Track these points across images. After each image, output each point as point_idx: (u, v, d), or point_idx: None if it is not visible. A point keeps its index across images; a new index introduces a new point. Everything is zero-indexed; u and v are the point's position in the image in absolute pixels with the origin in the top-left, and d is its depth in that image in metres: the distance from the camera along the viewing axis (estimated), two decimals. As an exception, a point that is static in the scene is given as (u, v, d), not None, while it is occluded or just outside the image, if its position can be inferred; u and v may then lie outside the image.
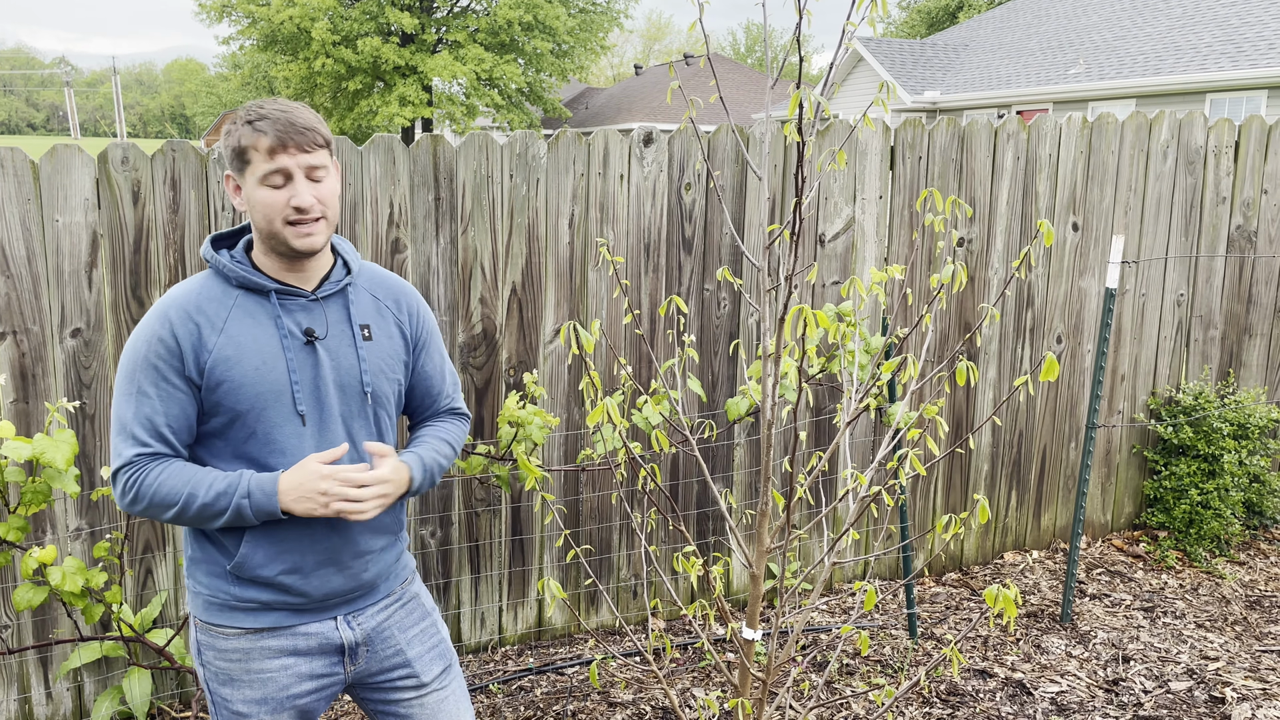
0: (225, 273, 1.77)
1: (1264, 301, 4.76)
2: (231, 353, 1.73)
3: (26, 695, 3.02)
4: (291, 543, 1.79)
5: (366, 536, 1.88)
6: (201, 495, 1.70)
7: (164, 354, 1.71)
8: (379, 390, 1.88)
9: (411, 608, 2.00)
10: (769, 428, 2.08)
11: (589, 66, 33.34)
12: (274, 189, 1.72)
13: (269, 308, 1.78)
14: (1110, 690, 3.43)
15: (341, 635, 1.87)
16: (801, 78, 1.90)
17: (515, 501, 3.58)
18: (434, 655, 1.99)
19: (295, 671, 1.84)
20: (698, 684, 3.45)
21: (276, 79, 29.76)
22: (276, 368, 1.76)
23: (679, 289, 3.65)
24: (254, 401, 1.74)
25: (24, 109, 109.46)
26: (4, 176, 2.75)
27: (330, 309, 1.84)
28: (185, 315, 1.73)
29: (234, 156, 1.74)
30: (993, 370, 4.27)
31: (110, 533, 2.98)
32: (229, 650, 1.82)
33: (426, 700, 1.97)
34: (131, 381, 1.73)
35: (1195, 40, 16.40)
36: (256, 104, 1.75)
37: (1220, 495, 4.39)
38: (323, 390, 1.80)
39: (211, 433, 1.77)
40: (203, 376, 1.72)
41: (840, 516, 4.14)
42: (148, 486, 1.71)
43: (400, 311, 1.95)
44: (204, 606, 1.83)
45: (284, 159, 1.71)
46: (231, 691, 1.82)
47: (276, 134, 1.70)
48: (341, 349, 1.83)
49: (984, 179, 4.09)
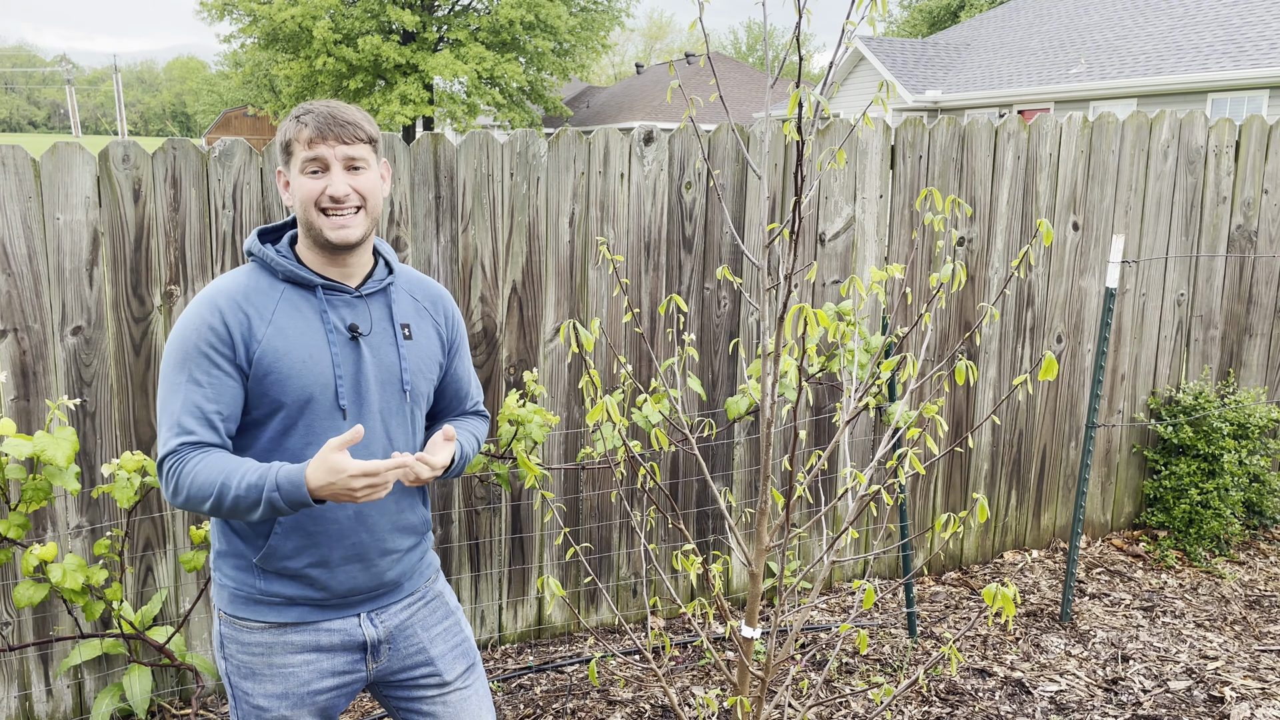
0: (272, 266, 1.79)
1: (1264, 301, 4.76)
2: (280, 345, 1.75)
3: (27, 692, 3.03)
4: (320, 537, 1.81)
5: (395, 536, 1.90)
6: (234, 486, 1.69)
7: (215, 341, 1.72)
8: (416, 389, 1.91)
9: (435, 606, 2.01)
10: (769, 426, 2.08)
11: (590, 65, 33.32)
12: (310, 177, 1.76)
13: (314, 302, 1.80)
14: (1109, 689, 3.43)
15: (364, 632, 1.88)
16: (802, 77, 1.90)
17: (515, 500, 3.58)
18: (457, 654, 2.00)
19: (317, 667, 1.85)
20: (697, 682, 3.46)
21: (278, 77, 29.77)
22: (321, 361, 1.77)
23: (679, 288, 3.65)
24: (299, 394, 1.75)
25: (25, 107, 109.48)
26: (5, 174, 2.75)
27: (373, 306, 1.86)
28: (235, 304, 1.74)
29: (281, 150, 1.80)
30: (993, 369, 4.27)
31: (111, 530, 2.98)
32: (252, 644, 1.83)
33: (449, 699, 1.97)
34: (181, 370, 1.72)
35: (1196, 40, 16.39)
36: (306, 103, 1.81)
37: (1220, 495, 4.39)
38: (364, 386, 1.82)
39: (253, 424, 1.78)
40: (251, 366, 1.74)
41: (840, 515, 4.14)
42: (185, 476, 1.69)
43: (438, 314, 1.99)
44: (229, 599, 1.84)
45: (322, 148, 1.75)
46: (253, 685, 1.83)
47: (316, 125, 1.75)
48: (383, 346, 1.86)
49: (984, 178, 4.09)
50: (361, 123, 1.78)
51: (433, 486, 3.43)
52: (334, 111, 1.77)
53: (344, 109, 1.78)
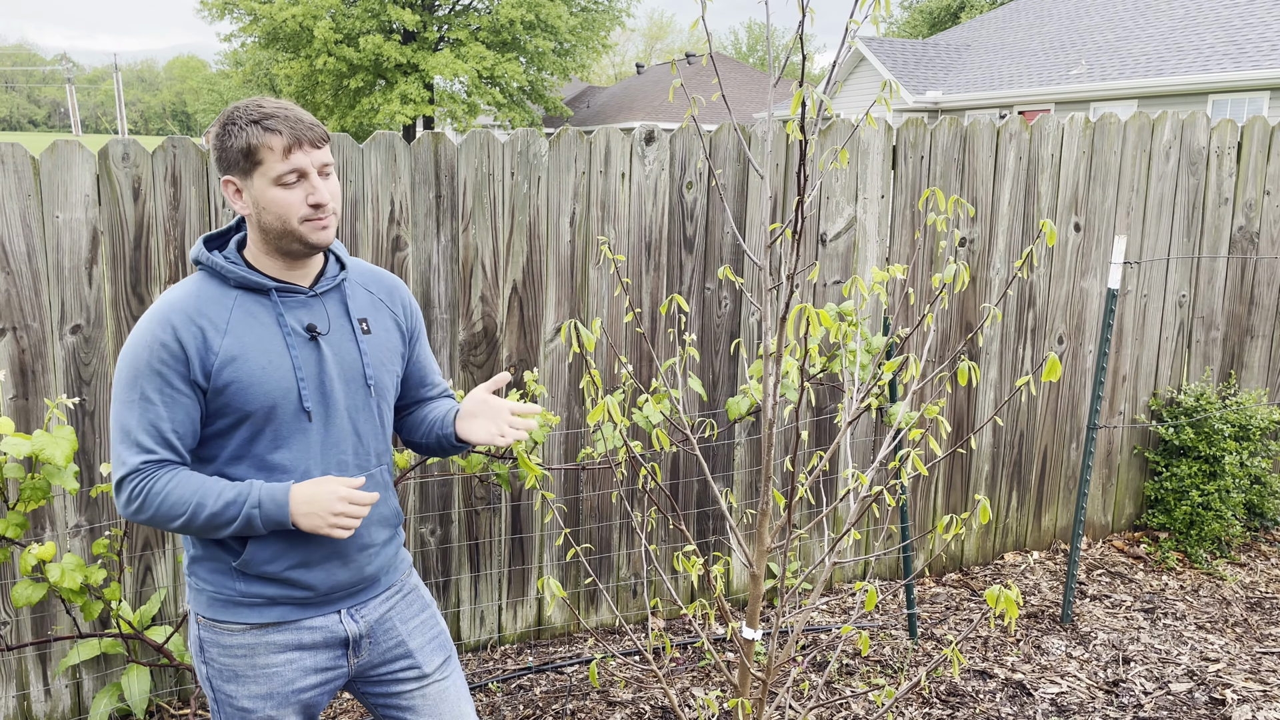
0: (223, 273, 1.75)
1: (1266, 303, 4.76)
2: (237, 353, 1.72)
3: (25, 692, 3.02)
4: (298, 539, 1.80)
5: (372, 529, 1.90)
6: (210, 504, 1.69)
7: (168, 359, 1.68)
8: (380, 382, 1.90)
9: (412, 599, 2.01)
10: (770, 427, 2.07)
11: (590, 65, 33.33)
12: (287, 188, 1.71)
13: (270, 306, 1.78)
14: (1110, 691, 3.42)
15: (346, 628, 1.88)
16: (804, 77, 1.89)
17: (515, 500, 3.57)
18: (435, 646, 2.00)
19: (300, 666, 1.84)
20: (697, 683, 3.45)
21: (278, 76, 29.75)
22: (282, 365, 1.75)
23: (680, 288, 3.64)
24: (262, 400, 1.73)
25: (25, 105, 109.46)
26: (4, 172, 2.74)
27: (329, 304, 1.84)
28: (187, 319, 1.71)
29: (240, 157, 1.71)
30: (993, 371, 4.26)
31: (109, 530, 2.97)
32: (234, 646, 1.81)
33: (428, 691, 1.97)
34: (134, 388, 1.69)
35: (1197, 41, 16.39)
36: (255, 103, 1.73)
37: (1221, 497, 4.38)
38: (328, 385, 1.80)
39: (216, 434, 1.76)
40: (209, 380, 1.71)
41: (840, 516, 4.13)
42: (155, 495, 1.69)
43: (395, 305, 1.97)
44: (208, 603, 1.82)
45: (299, 157, 1.71)
46: (236, 688, 1.82)
47: (291, 132, 1.70)
48: (343, 343, 1.84)
49: (986, 179, 4.09)
50: (318, 123, 1.75)
51: (433, 486, 3.43)
52: (298, 114, 1.72)
53: (299, 110, 1.73)
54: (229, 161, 1.73)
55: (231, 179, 1.74)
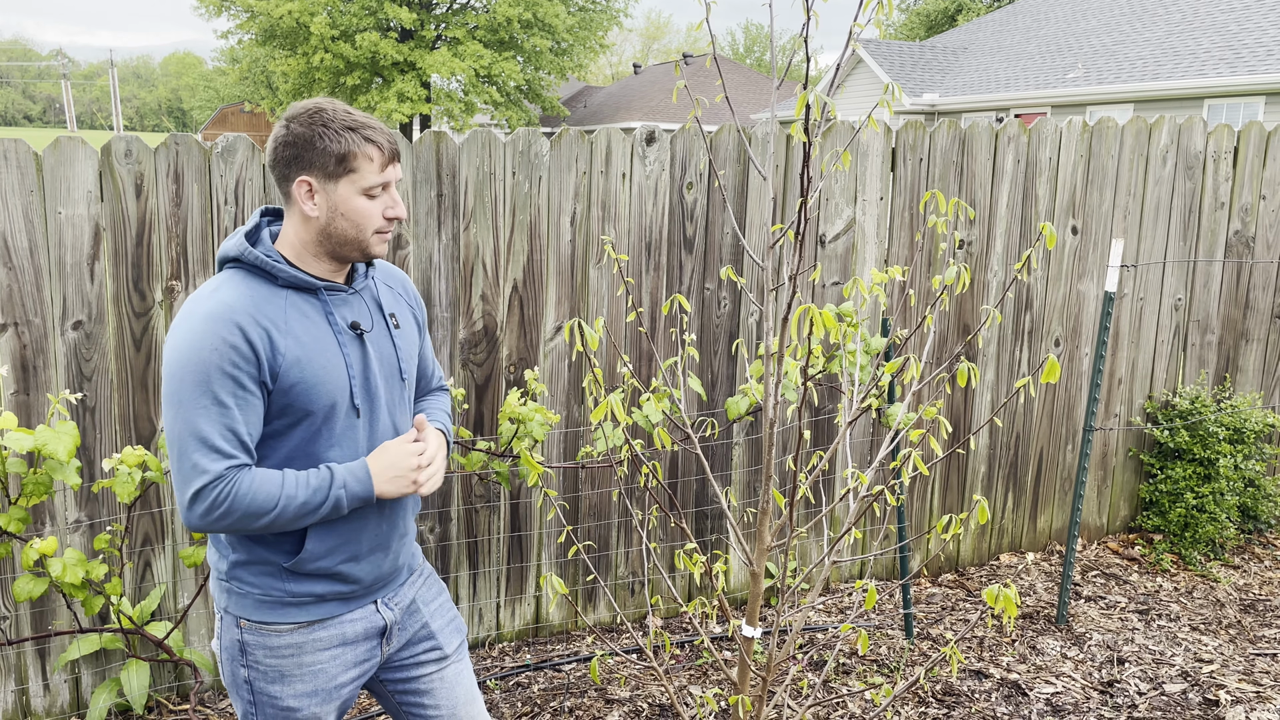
0: (273, 272, 1.73)
1: (1261, 307, 4.78)
2: (300, 354, 1.71)
3: (24, 687, 3.02)
4: (350, 533, 1.82)
5: (407, 517, 1.94)
6: (300, 495, 1.69)
7: (239, 361, 1.65)
8: (410, 375, 1.95)
9: (430, 582, 2.06)
10: (771, 426, 2.09)
11: (588, 65, 33.31)
12: (373, 199, 1.74)
13: (318, 305, 1.78)
14: (1105, 692, 3.45)
15: (383, 616, 1.92)
16: (807, 79, 1.90)
17: (514, 498, 3.58)
18: (453, 628, 2.05)
19: (343, 660, 1.87)
20: (695, 681, 3.46)
21: (274, 73, 29.69)
22: (338, 365, 1.76)
23: (680, 288, 3.66)
24: (325, 400, 1.74)
25: (20, 101, 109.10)
26: (7, 168, 2.75)
27: (366, 301, 1.87)
28: (252, 320, 1.67)
29: (332, 161, 1.69)
30: (991, 372, 4.28)
31: (110, 525, 2.98)
32: (280, 647, 1.81)
33: (446, 673, 2.01)
34: (203, 392, 1.64)
35: (1194, 46, 16.44)
36: (344, 109, 1.71)
37: (1215, 499, 4.41)
38: (373, 382, 1.83)
39: (274, 434, 1.75)
40: (276, 380, 1.69)
41: (839, 516, 4.15)
42: (241, 498, 1.66)
43: (410, 299, 2.01)
44: (254, 606, 1.80)
45: (392, 172, 1.75)
46: (282, 688, 1.82)
47: (390, 146, 1.74)
48: (381, 339, 1.87)
49: (984, 181, 4.11)
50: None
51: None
52: (383, 128, 1.74)
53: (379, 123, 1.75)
54: (312, 162, 1.69)
55: (309, 179, 1.70)
